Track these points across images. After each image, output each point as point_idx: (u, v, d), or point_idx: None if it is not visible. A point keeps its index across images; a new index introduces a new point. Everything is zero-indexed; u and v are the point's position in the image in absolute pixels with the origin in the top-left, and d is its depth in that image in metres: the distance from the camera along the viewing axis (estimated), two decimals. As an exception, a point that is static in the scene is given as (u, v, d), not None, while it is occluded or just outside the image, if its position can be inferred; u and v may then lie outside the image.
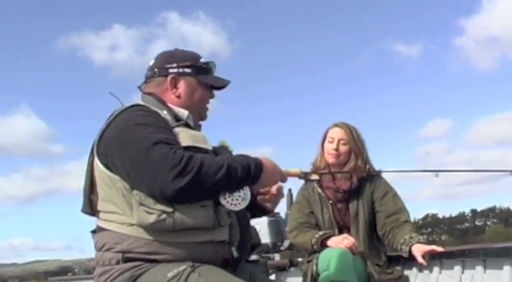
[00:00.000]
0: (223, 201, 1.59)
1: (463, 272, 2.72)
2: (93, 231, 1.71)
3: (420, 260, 2.56)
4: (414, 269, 3.03)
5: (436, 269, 2.88)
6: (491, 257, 2.57)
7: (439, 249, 2.62)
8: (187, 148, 1.57)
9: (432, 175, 2.41)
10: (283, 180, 1.79)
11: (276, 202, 1.90)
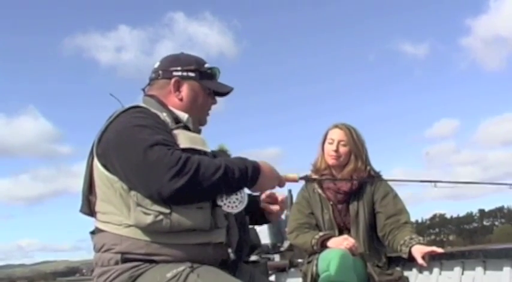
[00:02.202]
0: (220, 203, 1.60)
1: (463, 273, 2.71)
2: (92, 232, 1.72)
3: (420, 261, 2.55)
4: (414, 270, 3.03)
5: (436, 270, 2.88)
6: (491, 258, 2.57)
7: (439, 250, 2.60)
8: (185, 150, 1.57)
9: (431, 185, 2.40)
10: (281, 185, 1.78)
11: (279, 215, 1.93)
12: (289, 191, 3.81)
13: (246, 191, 1.67)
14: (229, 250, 1.68)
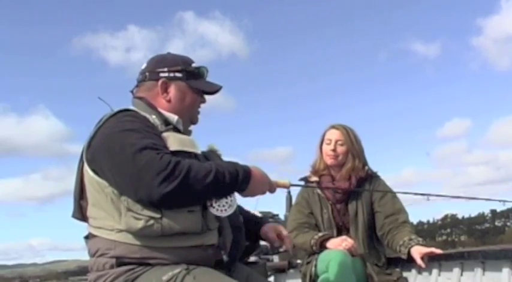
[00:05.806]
0: (210, 206, 1.61)
1: (462, 274, 2.70)
2: (86, 237, 1.72)
3: (419, 262, 2.55)
4: (413, 271, 3.02)
5: (435, 271, 2.87)
6: (490, 259, 2.55)
7: (438, 251, 2.60)
8: (175, 153, 1.57)
9: (424, 199, 2.42)
10: (272, 190, 1.78)
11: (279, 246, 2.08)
12: (288, 192, 3.81)
13: (237, 196, 1.67)
14: (222, 252, 1.67)
